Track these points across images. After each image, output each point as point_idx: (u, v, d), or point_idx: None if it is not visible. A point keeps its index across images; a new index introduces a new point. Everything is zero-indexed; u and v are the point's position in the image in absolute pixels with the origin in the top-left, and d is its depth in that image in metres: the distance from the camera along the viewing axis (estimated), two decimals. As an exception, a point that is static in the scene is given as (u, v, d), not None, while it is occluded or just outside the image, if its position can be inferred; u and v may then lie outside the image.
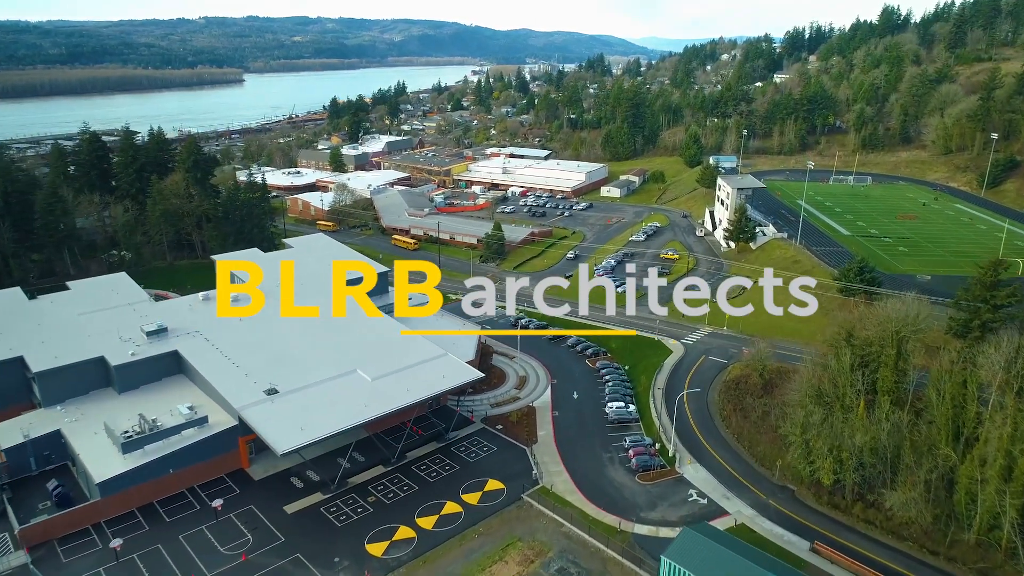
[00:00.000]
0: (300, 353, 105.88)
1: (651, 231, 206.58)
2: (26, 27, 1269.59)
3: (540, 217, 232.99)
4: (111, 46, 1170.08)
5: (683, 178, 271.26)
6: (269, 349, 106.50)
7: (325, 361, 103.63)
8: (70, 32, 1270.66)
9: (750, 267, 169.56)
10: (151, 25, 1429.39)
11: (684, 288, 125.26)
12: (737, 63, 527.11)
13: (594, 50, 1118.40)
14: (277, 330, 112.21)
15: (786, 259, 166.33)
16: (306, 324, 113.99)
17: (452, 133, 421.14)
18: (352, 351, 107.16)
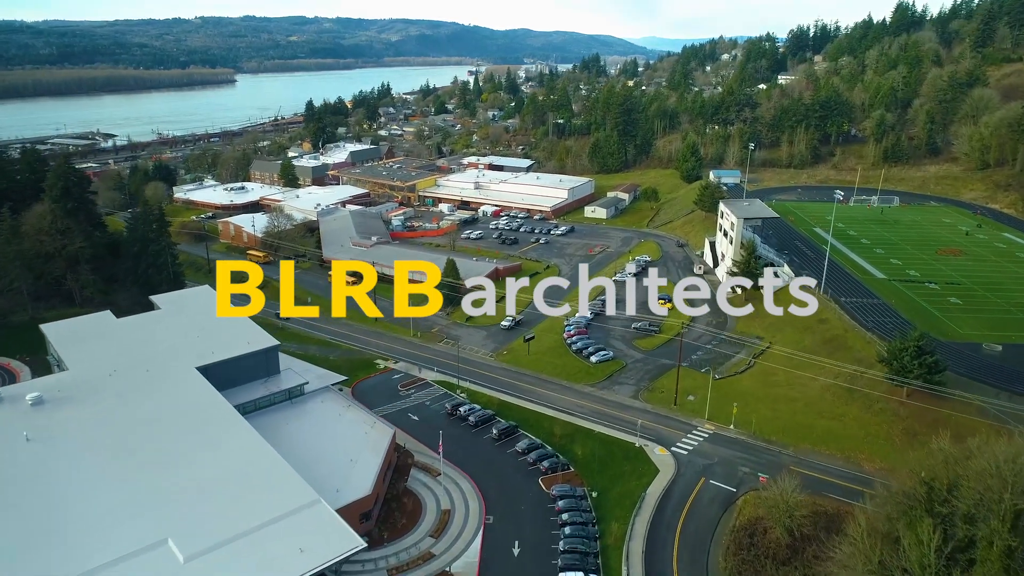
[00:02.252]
0: (91, 504, 67.27)
1: (640, 266, 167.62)
2: (20, 27, 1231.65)
3: (511, 245, 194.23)
4: (103, 46, 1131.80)
5: (679, 196, 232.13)
6: (43, 498, 67.95)
7: (126, 518, 65.14)
8: (63, 32, 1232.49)
9: (761, 323, 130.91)
10: (146, 25, 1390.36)
11: (684, 288, 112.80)
12: (738, 64, 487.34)
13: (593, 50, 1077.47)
14: (75, 459, 73.59)
15: (808, 315, 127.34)
16: (120, 443, 75.56)
17: (432, 139, 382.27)
18: (175, 497, 68.58)
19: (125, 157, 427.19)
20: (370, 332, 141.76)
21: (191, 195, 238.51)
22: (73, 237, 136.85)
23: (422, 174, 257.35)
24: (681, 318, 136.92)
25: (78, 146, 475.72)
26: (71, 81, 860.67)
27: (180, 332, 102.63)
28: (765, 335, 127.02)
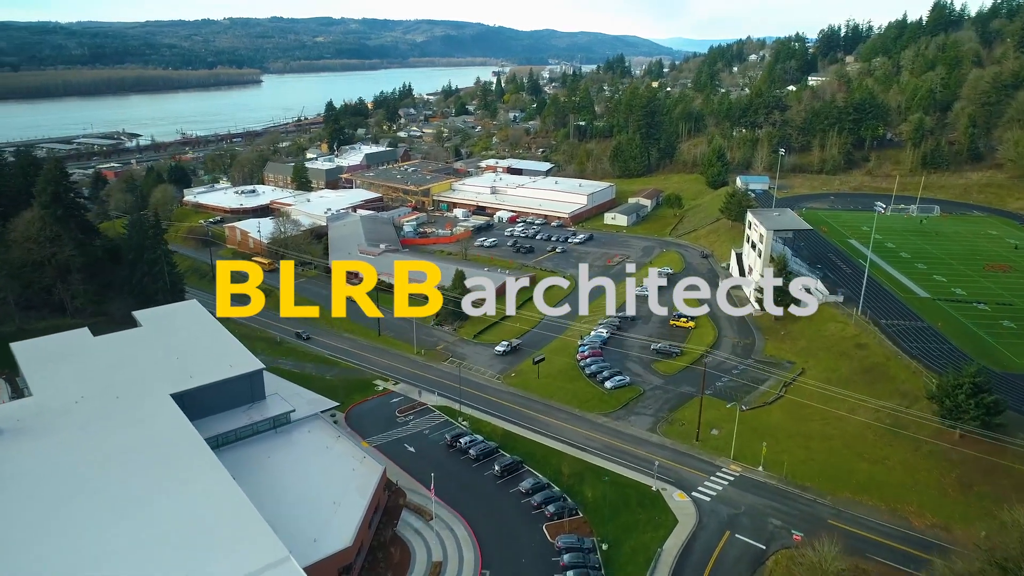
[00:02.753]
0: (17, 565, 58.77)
1: (663, 278, 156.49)
2: (54, 28, 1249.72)
3: (525, 254, 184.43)
4: (133, 47, 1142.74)
5: (704, 203, 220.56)
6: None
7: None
8: (95, 33, 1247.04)
9: (792, 346, 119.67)
10: (176, 26, 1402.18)
11: (684, 288, 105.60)
12: (766, 64, 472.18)
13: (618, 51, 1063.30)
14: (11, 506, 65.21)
15: (845, 339, 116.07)
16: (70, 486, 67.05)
17: (451, 141, 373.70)
18: (121, 554, 59.88)
19: (148, 157, 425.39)
20: (372, 349, 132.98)
21: (201, 198, 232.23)
22: (63, 245, 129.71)
23: (437, 178, 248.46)
24: (705, 339, 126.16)
25: (103, 146, 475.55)
26: (100, 81, 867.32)
27: (159, 353, 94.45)
28: (797, 360, 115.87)
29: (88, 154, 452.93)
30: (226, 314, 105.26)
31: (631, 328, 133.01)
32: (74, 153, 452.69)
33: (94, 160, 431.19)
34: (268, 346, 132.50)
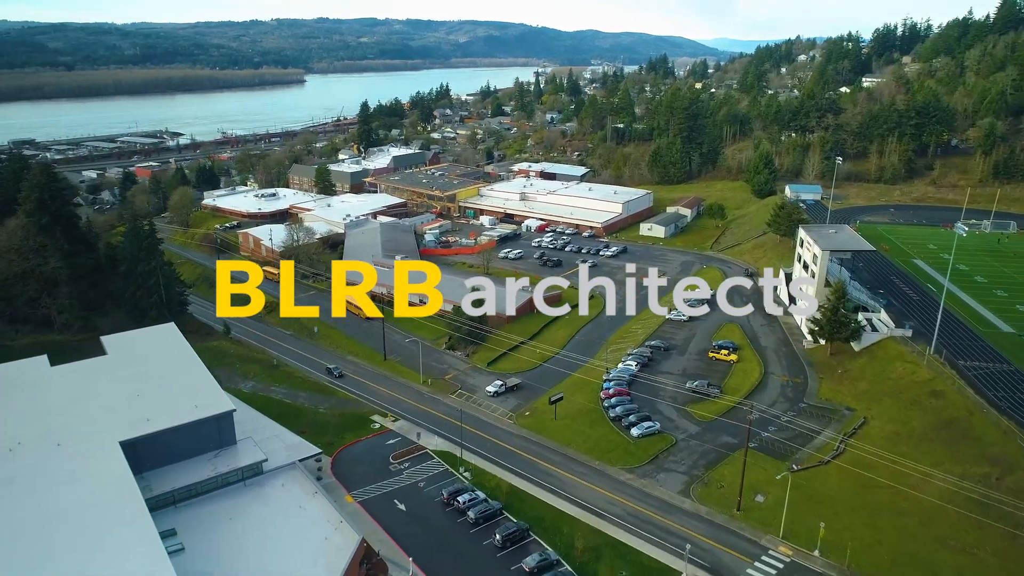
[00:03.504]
0: None
1: (700, 301, 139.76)
2: (109, 28, 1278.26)
3: (553, 267, 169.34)
4: (183, 47, 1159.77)
5: (749, 213, 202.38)
6: None
7: None
8: (147, 33, 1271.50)
9: (852, 389, 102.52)
10: (225, 27, 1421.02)
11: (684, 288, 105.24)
12: (816, 65, 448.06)
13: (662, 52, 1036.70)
14: None
15: (916, 383, 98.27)
16: None
17: (485, 143, 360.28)
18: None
19: (186, 157, 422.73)
20: (375, 375, 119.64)
21: (220, 201, 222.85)
22: (48, 256, 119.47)
23: (465, 182, 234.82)
24: (749, 377, 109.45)
25: (144, 144, 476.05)
26: (149, 81, 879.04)
27: (119, 388, 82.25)
28: (858, 407, 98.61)
29: (130, 152, 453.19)
30: (226, 314, 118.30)
31: (664, 360, 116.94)
32: (116, 151, 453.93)
33: (135, 159, 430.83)
34: (263, 369, 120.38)
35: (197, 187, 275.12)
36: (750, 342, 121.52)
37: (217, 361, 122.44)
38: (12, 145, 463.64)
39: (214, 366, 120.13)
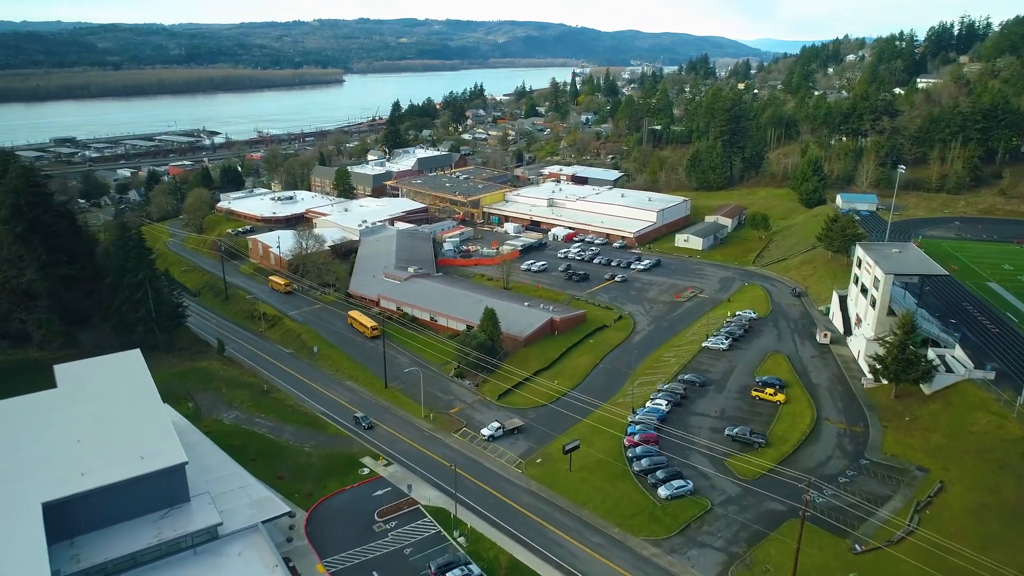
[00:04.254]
0: None
1: (741, 327, 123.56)
2: (157, 29, 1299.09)
3: (579, 282, 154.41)
4: (226, 47, 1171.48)
5: (796, 224, 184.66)
6: None
7: None
8: (193, 34, 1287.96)
9: (923, 443, 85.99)
10: (268, 27, 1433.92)
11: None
12: (867, 65, 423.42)
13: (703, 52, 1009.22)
14: None
15: (1005, 441, 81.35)
16: None
17: (516, 144, 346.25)
18: None
19: (220, 155, 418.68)
20: (373, 406, 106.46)
21: (235, 204, 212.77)
22: (24, 268, 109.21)
23: (490, 187, 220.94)
24: (799, 421, 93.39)
25: (181, 143, 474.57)
26: (191, 80, 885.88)
27: (58, 432, 70.47)
28: (932, 466, 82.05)
29: (166, 151, 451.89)
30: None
31: (699, 398, 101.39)
32: (153, 150, 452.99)
33: (170, 157, 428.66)
34: (252, 395, 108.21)
35: (221, 188, 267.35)
36: (799, 378, 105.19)
37: (203, 384, 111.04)
38: (53, 142, 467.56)
39: (199, 390, 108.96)
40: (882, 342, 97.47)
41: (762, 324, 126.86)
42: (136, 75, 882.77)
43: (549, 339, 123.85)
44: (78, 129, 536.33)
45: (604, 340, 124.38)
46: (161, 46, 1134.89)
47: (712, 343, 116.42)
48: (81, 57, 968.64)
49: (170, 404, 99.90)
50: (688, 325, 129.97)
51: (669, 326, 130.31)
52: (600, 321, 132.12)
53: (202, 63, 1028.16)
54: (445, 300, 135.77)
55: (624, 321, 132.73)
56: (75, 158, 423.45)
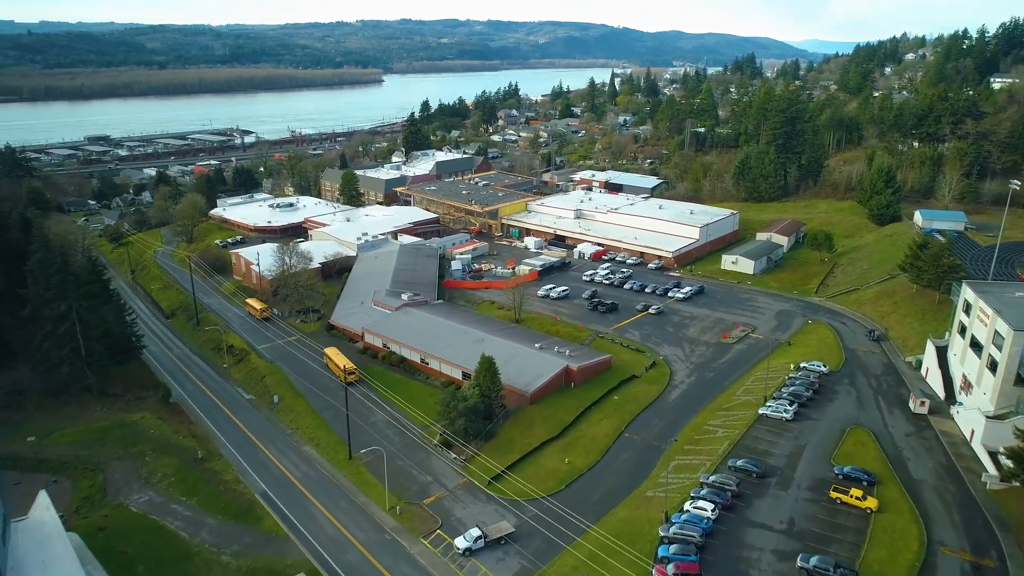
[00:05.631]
0: None
1: (809, 386, 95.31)
2: (204, 30, 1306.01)
3: (606, 313, 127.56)
4: (269, 47, 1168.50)
5: (866, 245, 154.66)
6: None
7: None
8: (238, 34, 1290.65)
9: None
10: (312, 28, 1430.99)
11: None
12: (931, 63, 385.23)
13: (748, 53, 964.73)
14: None
15: None
16: None
17: (548, 147, 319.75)
18: None
19: (250, 155, 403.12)
20: (327, 488, 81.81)
21: (230, 211, 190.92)
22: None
23: (511, 195, 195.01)
24: (901, 542, 65.38)
25: (213, 143, 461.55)
26: (232, 80, 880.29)
27: None
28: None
29: (196, 150, 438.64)
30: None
31: (757, 497, 74.04)
32: (185, 148, 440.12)
33: (200, 156, 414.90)
34: (180, 465, 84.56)
35: (233, 190, 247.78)
36: (893, 469, 77.03)
37: (125, 448, 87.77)
38: (87, 140, 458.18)
39: (116, 457, 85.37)
40: (1016, 430, 69.00)
41: (835, 381, 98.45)
42: (179, 74, 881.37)
43: (563, 394, 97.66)
44: (117, 127, 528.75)
45: (632, 397, 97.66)
46: (207, 46, 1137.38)
47: (772, 410, 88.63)
48: (129, 57, 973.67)
49: (73, 478, 77.01)
50: (739, 378, 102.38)
51: (715, 379, 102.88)
52: (628, 369, 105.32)
53: (245, 63, 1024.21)
54: (440, 337, 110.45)
55: (658, 370, 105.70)
56: (105, 156, 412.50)
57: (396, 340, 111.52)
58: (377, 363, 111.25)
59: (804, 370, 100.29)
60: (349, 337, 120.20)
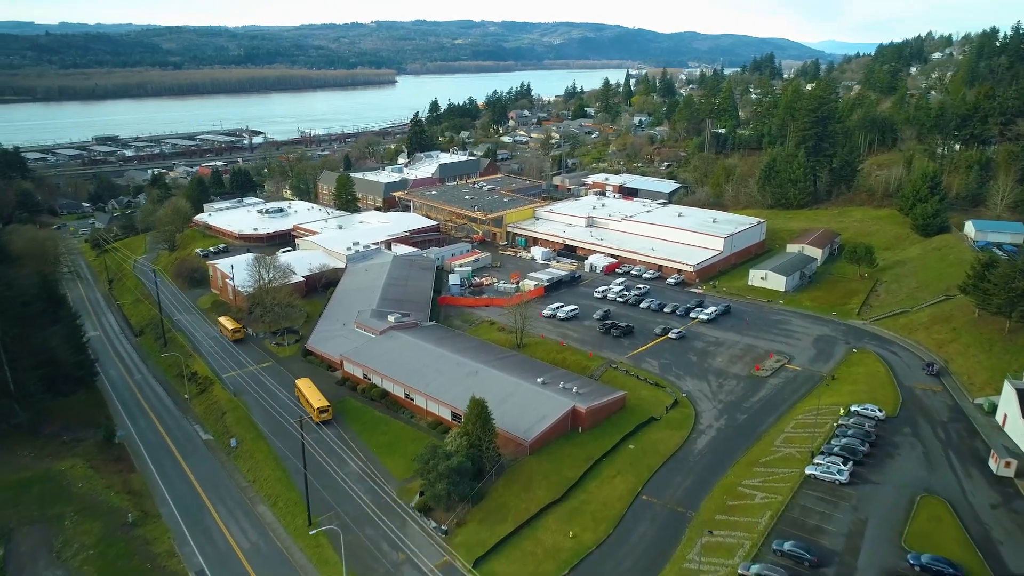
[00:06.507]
0: None
1: (863, 437, 78.73)
2: (220, 31, 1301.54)
3: (620, 338, 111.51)
4: (284, 48, 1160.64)
5: (912, 259, 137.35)
6: None
7: None
8: (254, 35, 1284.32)
9: None
10: (327, 29, 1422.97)
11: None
12: (962, 62, 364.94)
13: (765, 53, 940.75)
14: None
15: None
16: None
17: (560, 148, 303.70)
18: None
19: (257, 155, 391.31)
20: (281, 567, 66.39)
21: (214, 218, 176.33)
22: None
23: (518, 201, 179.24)
24: None
25: (221, 143, 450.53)
26: (244, 80, 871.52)
27: None
28: None
29: (203, 151, 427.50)
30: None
31: None
32: (192, 149, 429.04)
33: (207, 157, 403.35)
34: (103, 532, 69.90)
35: (231, 193, 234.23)
36: (984, 558, 60.49)
37: (43, 508, 72.97)
38: (95, 140, 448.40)
39: (29, 521, 70.43)
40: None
41: (894, 429, 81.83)
42: (191, 75, 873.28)
43: (569, 441, 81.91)
44: (127, 128, 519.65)
45: (651, 445, 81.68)
46: (222, 47, 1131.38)
47: (822, 470, 72.23)
48: (144, 57, 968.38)
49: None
50: (776, 422, 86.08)
51: (748, 423, 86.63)
52: (646, 409, 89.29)
53: (259, 63, 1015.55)
54: (428, 368, 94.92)
55: (681, 411, 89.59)
56: (111, 157, 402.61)
57: (378, 371, 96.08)
58: (356, 396, 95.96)
59: (856, 415, 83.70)
60: (328, 364, 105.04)
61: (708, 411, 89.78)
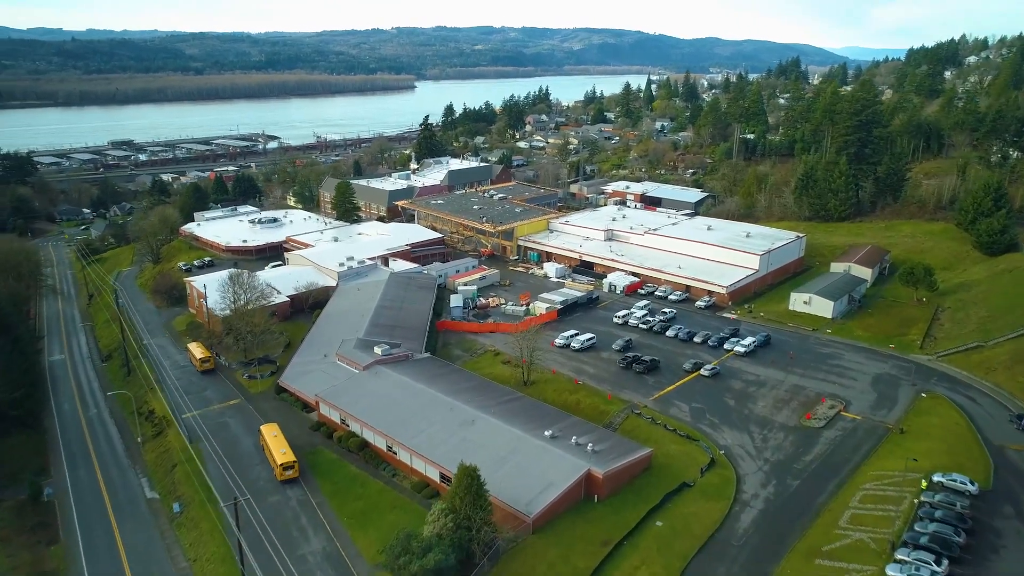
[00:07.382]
0: None
1: (956, 521, 61.85)
2: (243, 37, 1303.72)
3: (643, 374, 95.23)
4: (305, 54, 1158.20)
5: (978, 282, 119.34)
6: None
7: None
8: (275, 41, 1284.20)
9: None
10: (348, 35, 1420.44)
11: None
12: (1004, 64, 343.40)
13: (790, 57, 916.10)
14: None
15: None
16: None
17: (579, 155, 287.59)
18: None
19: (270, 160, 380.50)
20: None
21: (202, 228, 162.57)
22: None
23: (531, 212, 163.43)
24: None
25: (236, 147, 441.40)
26: (264, 85, 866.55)
27: None
28: None
29: (218, 155, 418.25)
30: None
31: None
32: (207, 153, 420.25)
33: (221, 161, 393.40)
34: None
35: (233, 200, 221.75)
36: None
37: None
38: (110, 145, 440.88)
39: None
40: None
41: (991, 508, 64.68)
42: (211, 80, 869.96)
43: (582, 515, 65.82)
44: (145, 132, 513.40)
45: (684, 523, 65.29)
46: (244, 53, 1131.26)
47: (910, 572, 55.28)
48: (167, 63, 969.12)
49: None
50: (838, 491, 69.23)
51: (803, 491, 69.87)
52: (677, 471, 72.94)
53: (280, 69, 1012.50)
54: (416, 415, 79.24)
55: (719, 473, 73.07)
56: (124, 162, 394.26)
57: (357, 417, 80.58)
58: (331, 446, 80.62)
59: (943, 489, 66.65)
60: (303, 404, 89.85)
61: (752, 474, 73.16)
